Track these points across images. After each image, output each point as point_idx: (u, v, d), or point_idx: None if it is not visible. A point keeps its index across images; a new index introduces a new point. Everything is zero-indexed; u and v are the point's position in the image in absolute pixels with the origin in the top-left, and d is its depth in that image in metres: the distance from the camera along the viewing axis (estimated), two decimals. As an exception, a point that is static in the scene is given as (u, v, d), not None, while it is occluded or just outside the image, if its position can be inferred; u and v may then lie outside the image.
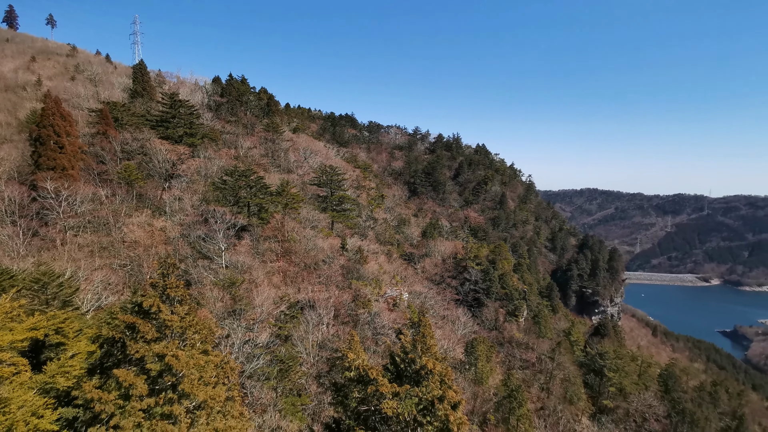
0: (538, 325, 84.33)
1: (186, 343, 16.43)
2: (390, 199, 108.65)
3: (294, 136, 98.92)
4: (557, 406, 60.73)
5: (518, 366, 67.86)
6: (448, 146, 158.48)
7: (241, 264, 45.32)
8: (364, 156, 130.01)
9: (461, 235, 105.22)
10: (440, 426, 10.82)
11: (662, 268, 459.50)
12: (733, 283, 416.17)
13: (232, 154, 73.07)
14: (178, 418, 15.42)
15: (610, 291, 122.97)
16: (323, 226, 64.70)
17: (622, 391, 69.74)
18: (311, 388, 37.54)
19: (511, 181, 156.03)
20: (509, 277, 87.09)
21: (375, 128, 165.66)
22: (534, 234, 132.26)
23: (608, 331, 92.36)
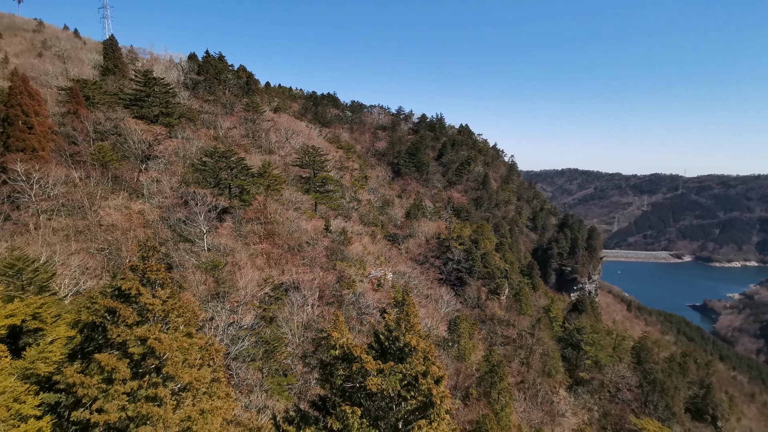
0: (519, 302, 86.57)
1: (169, 326, 16.32)
2: (374, 180, 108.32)
3: (275, 116, 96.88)
4: (536, 379, 63.07)
5: (499, 342, 69.84)
6: (431, 126, 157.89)
7: (224, 247, 44.85)
8: (347, 136, 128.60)
9: (444, 215, 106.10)
10: (424, 400, 11.13)
11: (638, 245, 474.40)
12: (704, 260, 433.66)
13: (211, 134, 71.26)
14: (164, 400, 15.44)
15: (588, 268, 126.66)
16: (306, 208, 64.27)
17: (598, 364, 72.78)
18: (297, 367, 37.97)
19: (493, 162, 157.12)
20: (491, 256, 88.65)
21: (358, 108, 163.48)
22: (516, 214, 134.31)
23: (586, 307, 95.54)
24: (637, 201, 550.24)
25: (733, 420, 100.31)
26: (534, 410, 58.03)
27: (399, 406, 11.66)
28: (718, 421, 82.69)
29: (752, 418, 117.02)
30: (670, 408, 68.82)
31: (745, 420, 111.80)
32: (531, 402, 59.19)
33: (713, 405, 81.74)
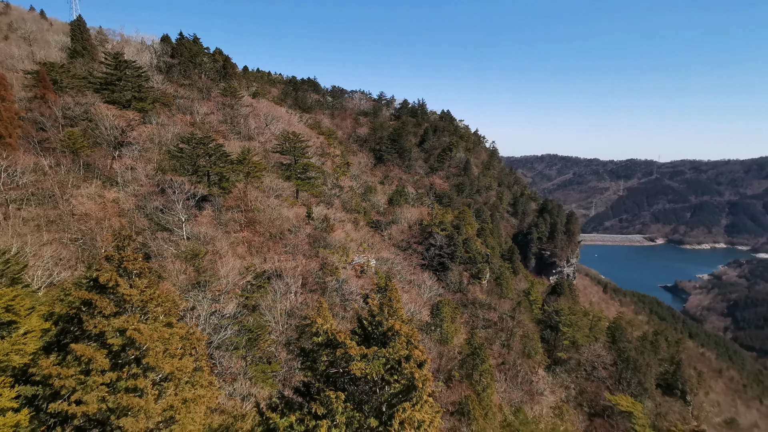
0: (500, 286, 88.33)
1: (148, 316, 16.03)
2: (356, 167, 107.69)
3: (254, 101, 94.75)
4: (516, 360, 64.87)
5: (481, 325, 71.31)
6: (413, 112, 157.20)
7: (204, 235, 44.07)
8: (328, 122, 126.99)
9: (427, 201, 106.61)
10: (406, 383, 11.30)
11: (614, 229, 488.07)
12: (675, 242, 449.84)
13: (187, 120, 69.29)
14: (144, 391, 15.25)
15: (566, 252, 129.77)
16: (288, 195, 63.56)
17: (575, 344, 75.22)
18: (281, 355, 38.01)
19: (475, 148, 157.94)
20: (473, 242, 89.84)
21: (339, 93, 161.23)
22: (497, 199, 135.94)
23: (564, 290, 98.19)
24: (613, 186, 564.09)
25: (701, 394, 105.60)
26: (514, 390, 59.82)
27: (383, 390, 11.81)
28: (687, 396, 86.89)
29: (719, 393, 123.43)
30: (642, 384, 71.91)
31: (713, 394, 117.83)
32: (511, 382, 60.95)
33: (683, 380, 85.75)
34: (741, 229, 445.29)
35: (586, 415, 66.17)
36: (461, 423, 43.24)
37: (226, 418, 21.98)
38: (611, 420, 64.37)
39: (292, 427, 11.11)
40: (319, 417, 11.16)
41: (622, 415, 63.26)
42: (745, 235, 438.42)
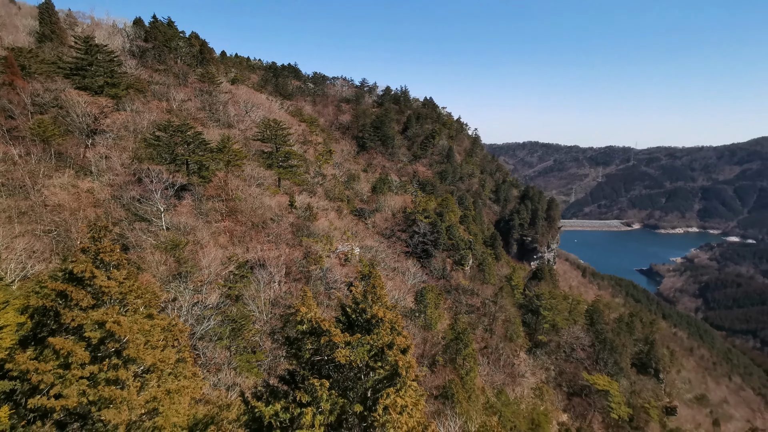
0: (483, 272, 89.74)
1: (128, 308, 15.74)
2: (338, 155, 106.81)
3: (233, 87, 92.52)
4: (499, 344, 66.37)
5: (464, 311, 72.50)
6: (396, 99, 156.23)
7: (184, 225, 43.25)
8: (309, 109, 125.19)
9: (410, 189, 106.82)
10: (391, 370, 11.45)
11: (593, 215, 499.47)
12: (651, 227, 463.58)
13: (163, 107, 67.26)
14: (126, 383, 15.06)
15: (547, 238, 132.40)
16: (270, 184, 62.73)
17: (555, 327, 77.34)
18: (266, 344, 37.95)
19: (458, 135, 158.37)
20: (456, 229, 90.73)
21: (320, 80, 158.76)
22: (479, 186, 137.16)
23: (545, 275, 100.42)
24: (592, 172, 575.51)
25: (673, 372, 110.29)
26: (497, 373, 61.33)
27: (367, 377, 11.95)
28: (660, 374, 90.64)
29: (690, 370, 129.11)
30: (618, 364, 74.63)
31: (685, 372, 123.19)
32: (494, 365, 62.43)
33: (656, 359, 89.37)
34: (713, 213, 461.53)
35: (565, 395, 68.48)
36: (445, 406, 44.20)
37: (211, 408, 21.92)
38: (589, 398, 66.80)
39: (277, 415, 11.16)
40: (304, 404, 11.23)
41: (599, 393, 65.74)
42: (717, 219, 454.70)
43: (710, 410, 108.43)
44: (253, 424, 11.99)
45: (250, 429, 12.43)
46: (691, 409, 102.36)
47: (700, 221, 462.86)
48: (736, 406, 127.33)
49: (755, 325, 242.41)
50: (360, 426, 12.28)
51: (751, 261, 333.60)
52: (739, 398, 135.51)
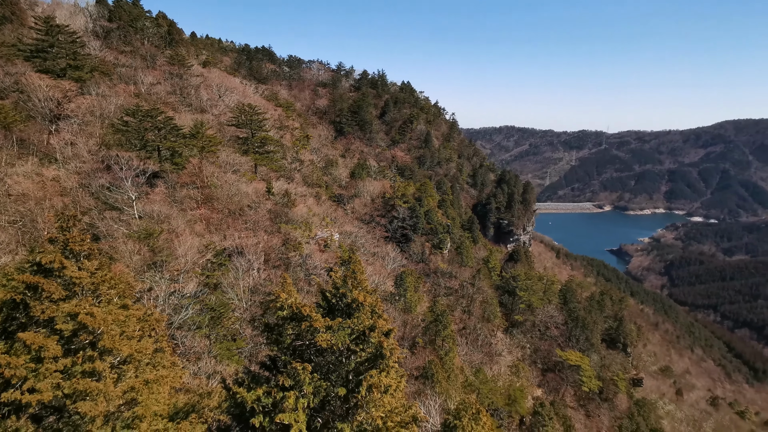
0: (461, 255, 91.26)
1: (101, 299, 15.36)
2: (316, 140, 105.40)
3: (204, 70, 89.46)
4: (477, 324, 68.10)
5: (443, 293, 73.84)
6: (373, 83, 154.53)
7: (157, 213, 42.09)
8: (285, 94, 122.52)
9: (389, 174, 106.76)
10: (374, 352, 11.67)
11: (566, 198, 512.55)
12: (621, 209, 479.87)
13: (131, 90, 64.56)
14: (102, 375, 14.79)
15: (523, 221, 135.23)
16: (246, 170, 61.55)
17: (530, 307, 79.78)
18: (246, 331, 37.80)
19: (435, 120, 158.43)
20: (434, 213, 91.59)
21: (296, 63, 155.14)
22: (457, 171, 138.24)
23: (520, 257, 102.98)
24: (566, 156, 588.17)
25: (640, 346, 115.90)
26: (475, 352, 63.08)
27: (349, 360, 12.14)
28: (628, 348, 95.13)
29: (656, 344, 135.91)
30: (590, 340, 77.87)
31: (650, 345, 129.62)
32: (472, 345, 64.14)
33: (624, 335, 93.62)
34: (678, 195, 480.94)
35: (539, 371, 71.20)
36: (426, 386, 45.31)
37: (192, 397, 21.81)
38: (562, 374, 69.69)
39: (259, 400, 11.25)
40: (287, 388, 11.35)
41: (572, 368, 68.63)
42: (682, 200, 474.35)
43: (674, 381, 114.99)
44: (235, 409, 12.06)
45: (233, 415, 12.49)
46: (656, 380, 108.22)
47: (667, 202, 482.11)
48: (698, 376, 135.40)
49: (715, 300, 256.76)
50: (343, 407, 12.53)
51: (713, 240, 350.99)
52: (700, 369, 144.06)
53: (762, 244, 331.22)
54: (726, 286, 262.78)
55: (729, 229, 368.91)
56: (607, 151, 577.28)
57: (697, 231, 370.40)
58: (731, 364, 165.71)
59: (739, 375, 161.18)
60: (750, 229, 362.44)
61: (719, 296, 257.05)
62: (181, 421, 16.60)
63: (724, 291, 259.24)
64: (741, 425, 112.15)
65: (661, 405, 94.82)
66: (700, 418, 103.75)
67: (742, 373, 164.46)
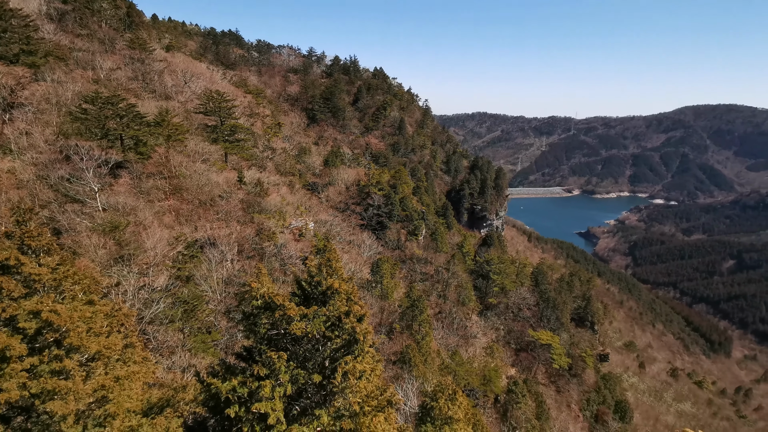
0: (436, 241, 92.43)
1: (64, 295, 14.79)
2: (288, 127, 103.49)
3: (168, 55, 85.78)
4: (452, 309, 69.50)
5: (419, 279, 74.86)
6: (345, 69, 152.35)
7: (123, 205, 40.54)
8: (255, 80, 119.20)
9: (363, 162, 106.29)
10: (348, 338, 11.76)
11: (537, 183, 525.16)
12: (588, 192, 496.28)
13: (89, 76, 61.27)
14: (70, 373, 14.34)
15: (495, 206, 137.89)
16: (216, 159, 59.89)
17: (504, 290, 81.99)
18: (221, 323, 37.26)
19: (409, 107, 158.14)
20: (409, 200, 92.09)
21: (265, 48, 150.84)
22: (431, 158, 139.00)
23: (494, 241, 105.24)
24: (537, 142, 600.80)
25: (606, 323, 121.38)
26: (451, 336, 64.52)
27: (325, 347, 12.21)
28: (595, 326, 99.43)
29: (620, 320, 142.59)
30: (560, 319, 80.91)
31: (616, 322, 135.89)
32: (448, 329, 65.54)
33: (592, 313, 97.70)
34: (641, 178, 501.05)
35: (513, 351, 73.63)
36: (403, 370, 46.12)
37: (166, 391, 21.44)
38: (534, 353, 72.34)
39: (234, 390, 11.19)
40: (262, 378, 11.33)
41: (543, 347, 71.32)
42: (645, 183, 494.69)
43: (637, 355, 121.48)
44: (211, 401, 11.96)
45: (208, 407, 12.39)
46: (621, 354, 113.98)
47: (631, 186, 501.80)
48: (659, 349, 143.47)
49: (675, 278, 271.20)
50: (320, 394, 12.63)
51: (673, 221, 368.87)
52: (661, 343, 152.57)
53: (717, 224, 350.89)
54: (685, 264, 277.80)
55: (688, 211, 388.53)
56: (575, 137, 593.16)
57: (659, 213, 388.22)
58: (689, 337, 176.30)
59: (696, 347, 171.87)
60: (707, 209, 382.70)
61: (678, 274, 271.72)
62: (156, 417, 16.35)
63: (683, 269, 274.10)
64: (699, 394, 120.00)
65: (625, 378, 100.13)
66: (661, 388, 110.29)
67: (699, 345, 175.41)
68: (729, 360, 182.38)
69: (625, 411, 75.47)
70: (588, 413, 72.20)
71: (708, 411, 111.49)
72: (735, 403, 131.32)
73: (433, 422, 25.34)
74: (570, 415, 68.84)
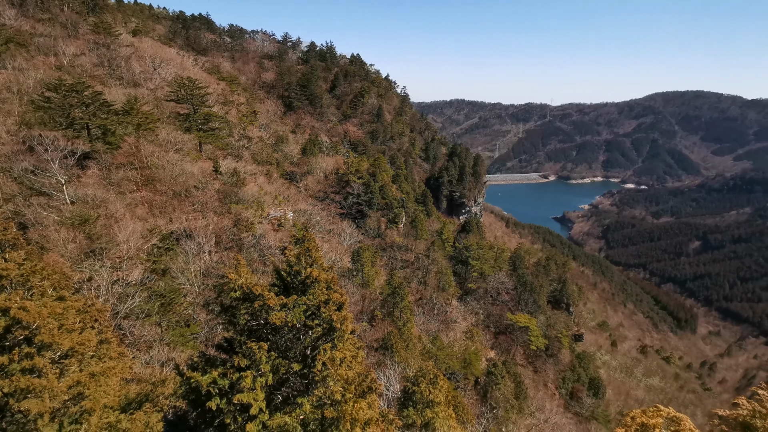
0: (415, 228, 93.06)
1: (33, 292, 14.28)
2: (264, 116, 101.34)
3: (135, 40, 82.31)
4: (432, 294, 70.45)
5: (399, 266, 75.40)
6: (322, 56, 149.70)
7: (92, 198, 39.14)
8: (228, 66, 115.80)
9: (342, 150, 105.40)
10: (327, 326, 11.82)
11: (514, 169, 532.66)
12: (564, 178, 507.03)
13: (52, 63, 58.36)
14: (43, 371, 13.94)
15: (474, 193, 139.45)
16: (190, 149, 58.29)
17: (483, 275, 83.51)
18: (200, 316, 36.75)
19: (387, 94, 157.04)
20: (389, 188, 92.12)
21: (238, 33, 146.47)
22: (410, 145, 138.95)
23: (472, 228, 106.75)
24: (514, 129, 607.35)
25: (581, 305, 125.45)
26: (431, 321, 65.49)
27: (305, 336, 12.24)
28: (571, 307, 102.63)
29: (594, 301, 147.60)
30: (537, 302, 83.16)
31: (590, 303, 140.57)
32: (429, 315, 66.48)
33: (567, 295, 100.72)
34: (614, 164, 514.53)
35: (492, 334, 75.44)
36: (386, 356, 46.68)
37: (145, 386, 21.12)
38: (512, 335, 74.32)
39: (215, 383, 11.13)
40: (243, 368, 11.30)
41: (521, 329, 73.32)
42: (617, 169, 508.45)
43: (609, 334, 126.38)
44: (191, 394, 11.86)
45: (188, 400, 12.29)
46: (594, 334, 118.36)
47: (604, 171, 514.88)
48: (630, 328, 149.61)
49: (645, 259, 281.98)
50: (302, 383, 12.69)
51: (644, 204, 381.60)
52: (632, 321, 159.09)
53: (685, 207, 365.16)
54: (654, 246, 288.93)
55: (657, 194, 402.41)
56: (551, 123, 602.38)
57: (630, 197, 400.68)
58: (658, 315, 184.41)
59: (664, 325, 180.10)
60: (675, 193, 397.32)
61: (648, 255, 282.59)
62: (135, 412, 16.12)
63: (653, 251, 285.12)
64: (666, 369, 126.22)
65: (598, 356, 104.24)
66: (631, 365, 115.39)
67: (667, 323, 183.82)
68: (694, 336, 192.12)
69: (599, 387, 78.79)
70: (564, 391, 75.04)
71: (675, 385, 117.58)
72: (700, 377, 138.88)
73: (415, 406, 25.86)
74: (547, 394, 71.40)
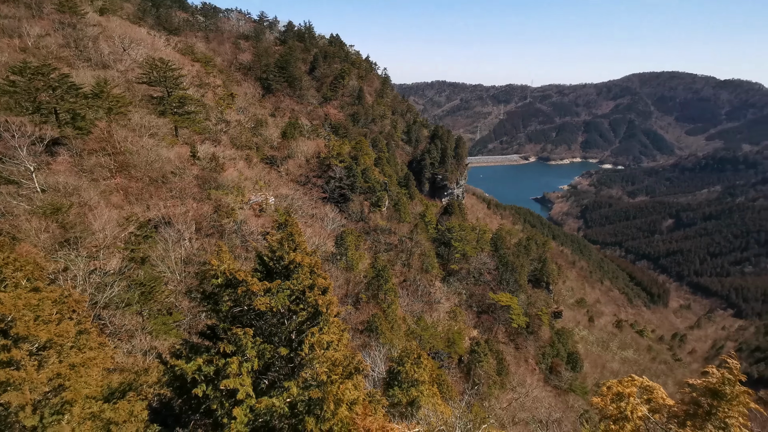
0: (399, 211, 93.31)
1: (6, 283, 13.83)
2: (242, 98, 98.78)
3: (102, 19, 78.48)
4: (416, 276, 71.28)
5: (383, 249, 75.74)
6: (300, 36, 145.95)
7: (64, 185, 37.79)
8: (202, 47, 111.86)
9: (323, 133, 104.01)
10: (312, 310, 11.84)
11: (496, 151, 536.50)
12: (544, 159, 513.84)
13: (16, 44, 55.29)
14: (21, 363, 13.63)
15: (456, 175, 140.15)
16: (165, 133, 56.57)
17: (465, 256, 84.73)
18: (183, 304, 36.32)
19: (367, 75, 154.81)
20: (371, 171, 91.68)
21: (211, 12, 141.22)
22: (391, 128, 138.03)
23: (454, 210, 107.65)
24: (495, 110, 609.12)
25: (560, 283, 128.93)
26: (415, 302, 66.44)
27: (290, 320, 12.25)
28: (550, 286, 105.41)
29: (573, 279, 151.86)
30: (518, 282, 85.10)
31: (568, 282, 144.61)
32: (413, 296, 67.37)
33: (547, 274, 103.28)
34: (592, 144, 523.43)
35: (474, 314, 77.11)
36: (371, 338, 47.31)
37: (128, 375, 20.88)
38: (494, 314, 76.14)
39: (200, 370, 11.09)
40: (229, 354, 11.27)
41: (503, 308, 75.12)
42: (595, 149, 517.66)
43: (587, 310, 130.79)
44: (176, 382, 11.80)
45: (173, 388, 12.23)
46: (573, 311, 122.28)
47: (583, 152, 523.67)
48: (606, 304, 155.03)
49: (621, 238, 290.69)
50: (288, 367, 12.76)
51: (620, 184, 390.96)
52: (608, 298, 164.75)
53: (659, 186, 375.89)
54: (630, 224, 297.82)
55: (633, 174, 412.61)
56: (531, 105, 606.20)
57: (607, 177, 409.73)
58: (632, 291, 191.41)
59: (638, 300, 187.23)
60: (650, 173, 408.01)
61: (624, 234, 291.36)
62: (119, 401, 15.98)
63: (628, 229, 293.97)
64: (640, 342, 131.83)
65: (576, 332, 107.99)
66: (607, 339, 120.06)
67: (641, 298, 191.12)
68: (666, 310, 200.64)
69: (576, 361, 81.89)
70: (543, 366, 77.72)
71: (648, 356, 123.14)
72: (671, 348, 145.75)
73: (401, 385, 26.40)
74: (527, 369, 73.85)
